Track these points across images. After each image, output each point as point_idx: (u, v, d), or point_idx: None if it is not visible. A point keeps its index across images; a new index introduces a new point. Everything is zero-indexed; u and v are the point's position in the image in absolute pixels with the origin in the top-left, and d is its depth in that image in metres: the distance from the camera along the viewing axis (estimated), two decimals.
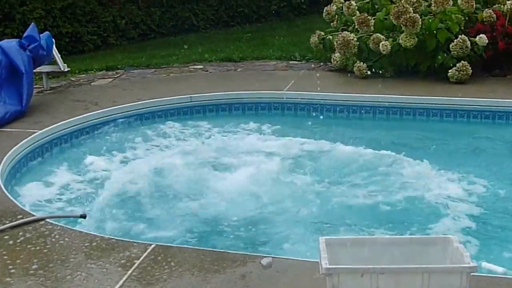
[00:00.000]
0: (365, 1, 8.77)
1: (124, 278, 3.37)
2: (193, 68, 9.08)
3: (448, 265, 2.79)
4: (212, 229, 4.58)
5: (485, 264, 3.62)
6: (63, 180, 5.38)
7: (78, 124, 6.36)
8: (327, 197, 4.98)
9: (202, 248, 3.82)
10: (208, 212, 4.78)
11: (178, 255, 3.66)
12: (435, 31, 7.61)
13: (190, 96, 7.17)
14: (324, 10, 9.24)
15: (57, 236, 3.92)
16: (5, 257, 3.65)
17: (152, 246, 3.73)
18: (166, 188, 5.24)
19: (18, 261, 3.60)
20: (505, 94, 7.05)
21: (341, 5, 8.96)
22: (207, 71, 8.86)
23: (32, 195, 5.07)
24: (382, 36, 7.85)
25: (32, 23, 7.40)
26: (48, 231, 4.00)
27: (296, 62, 9.23)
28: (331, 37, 8.48)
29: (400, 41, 7.61)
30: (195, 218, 4.72)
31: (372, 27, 8.03)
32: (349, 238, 3.09)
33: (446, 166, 5.56)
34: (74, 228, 4.09)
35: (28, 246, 3.79)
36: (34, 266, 3.54)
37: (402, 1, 8.02)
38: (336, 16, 8.99)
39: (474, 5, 8.00)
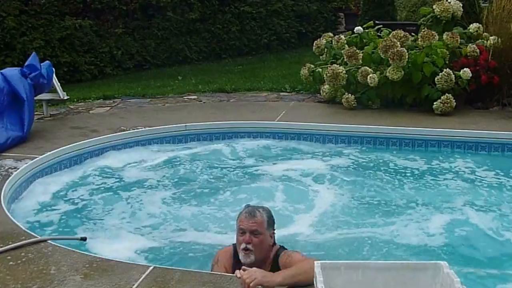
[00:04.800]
0: (354, 35, 9.05)
1: None
2: (188, 98, 9.27)
3: None
4: None
5: None
6: (62, 203, 5.53)
7: (77, 150, 6.48)
8: None
9: (200, 271, 3.87)
10: None
11: (176, 278, 3.70)
12: (421, 65, 7.85)
13: (185, 125, 7.35)
14: (314, 44, 9.47)
15: (58, 257, 3.97)
16: (8, 277, 3.71)
17: (151, 268, 3.77)
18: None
19: (20, 281, 3.64)
20: (487, 126, 7.26)
21: (330, 39, 9.23)
22: (201, 101, 9.04)
23: (34, 217, 5.19)
24: (370, 69, 8.08)
25: (34, 52, 7.53)
26: (50, 252, 4.06)
27: (287, 94, 9.47)
28: (320, 69, 8.71)
29: (387, 74, 7.85)
30: None
31: (360, 60, 8.27)
32: (343, 263, 3.09)
33: (429, 194, 5.79)
34: (75, 250, 4.14)
35: (30, 266, 3.84)
36: (35, 286, 3.57)
37: (390, 36, 8.30)
38: (326, 49, 9.25)
39: (459, 40, 8.28)
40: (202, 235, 4.92)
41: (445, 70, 7.83)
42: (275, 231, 3.90)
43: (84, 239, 4.35)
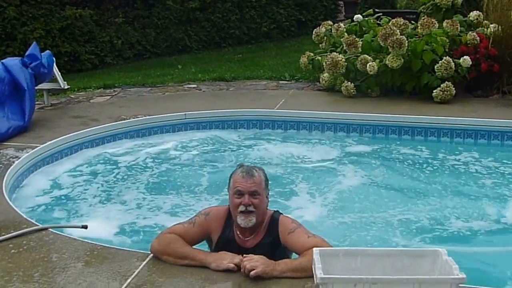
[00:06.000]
0: (353, 23, 9.06)
1: (123, 286, 3.42)
2: (187, 87, 9.29)
3: (438, 276, 2.86)
4: None
5: None
6: (63, 192, 5.58)
7: (78, 139, 6.52)
8: None
9: None
10: None
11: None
12: (420, 53, 7.85)
13: (185, 113, 7.38)
14: (313, 32, 9.49)
15: (60, 245, 3.99)
16: (10, 264, 3.73)
17: (151, 255, 3.77)
18: None
19: (22, 269, 3.67)
20: (486, 114, 7.27)
21: (330, 27, 9.24)
22: (200, 90, 9.07)
23: (35, 205, 5.24)
24: (369, 57, 8.10)
25: (34, 42, 7.55)
26: (51, 240, 4.08)
27: (286, 82, 9.48)
28: (320, 58, 8.74)
29: (387, 62, 7.86)
30: None
31: (359, 49, 8.29)
32: (341, 249, 3.10)
33: (428, 182, 5.82)
34: (76, 238, 4.16)
35: (32, 254, 3.86)
36: (37, 274, 3.60)
37: (389, 24, 8.31)
38: (325, 37, 9.26)
39: (459, 28, 8.28)
40: None
41: (444, 58, 7.84)
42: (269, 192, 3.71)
43: (85, 227, 4.34)
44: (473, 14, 8.71)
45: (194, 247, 3.69)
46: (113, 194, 5.59)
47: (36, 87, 7.18)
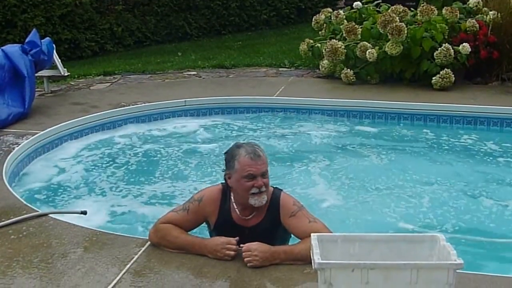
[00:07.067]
0: (353, 10, 9.04)
1: (122, 272, 3.45)
2: (187, 74, 9.30)
3: (435, 262, 2.85)
4: None
5: None
6: (63, 178, 5.60)
7: (78, 125, 6.54)
8: None
9: None
10: None
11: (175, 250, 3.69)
12: (420, 40, 7.85)
13: (185, 100, 7.39)
14: (313, 19, 9.48)
15: (59, 231, 4.01)
16: (9, 250, 3.75)
17: None
18: None
19: (21, 254, 3.68)
20: (485, 101, 7.28)
21: (329, 14, 9.23)
22: (200, 77, 9.07)
23: (35, 191, 5.26)
24: (369, 44, 8.10)
25: (34, 29, 7.55)
26: (51, 226, 4.10)
27: (286, 69, 9.48)
28: (319, 45, 8.73)
29: (386, 49, 7.86)
30: None
31: (359, 36, 8.29)
32: (339, 235, 3.07)
33: (427, 168, 5.82)
34: (75, 223, 4.16)
35: (32, 240, 3.87)
36: (37, 259, 3.61)
37: (389, 11, 8.30)
38: (325, 24, 9.25)
39: (458, 15, 8.28)
40: None
41: (444, 45, 7.83)
42: None
43: (84, 213, 4.36)
44: (473, 1, 8.71)
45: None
46: (113, 180, 5.60)
47: (36, 74, 7.19)
